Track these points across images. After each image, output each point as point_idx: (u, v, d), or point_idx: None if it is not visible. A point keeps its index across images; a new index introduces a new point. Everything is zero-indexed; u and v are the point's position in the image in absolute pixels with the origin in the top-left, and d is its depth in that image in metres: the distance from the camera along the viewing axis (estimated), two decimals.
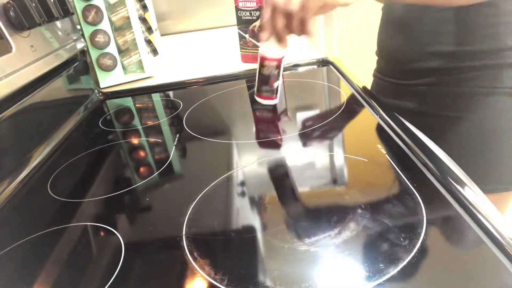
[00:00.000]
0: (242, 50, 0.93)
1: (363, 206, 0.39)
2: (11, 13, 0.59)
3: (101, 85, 0.88)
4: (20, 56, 0.60)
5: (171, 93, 0.85)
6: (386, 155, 0.48)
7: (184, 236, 0.39)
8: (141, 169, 0.56)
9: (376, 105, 0.61)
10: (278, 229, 0.38)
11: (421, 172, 0.44)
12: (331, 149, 0.53)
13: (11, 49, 0.58)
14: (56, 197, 0.51)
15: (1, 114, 0.56)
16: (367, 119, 0.60)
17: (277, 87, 0.66)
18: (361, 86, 0.69)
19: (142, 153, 0.62)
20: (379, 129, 0.55)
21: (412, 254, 0.33)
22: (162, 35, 1.37)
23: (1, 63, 0.55)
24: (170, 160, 0.56)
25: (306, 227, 0.38)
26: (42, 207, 0.50)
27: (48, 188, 0.53)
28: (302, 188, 0.45)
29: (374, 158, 0.48)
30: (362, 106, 0.63)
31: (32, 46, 0.64)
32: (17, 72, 0.59)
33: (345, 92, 0.70)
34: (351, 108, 0.64)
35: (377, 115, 0.59)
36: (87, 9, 0.80)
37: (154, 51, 0.96)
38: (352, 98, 0.67)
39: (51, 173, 0.57)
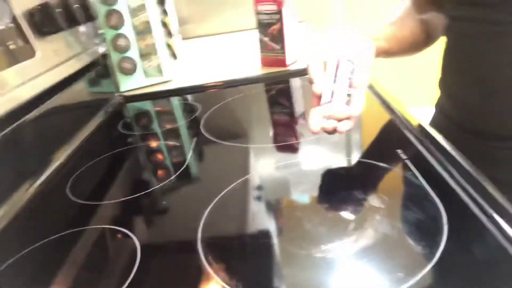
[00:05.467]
0: (261, 53, 0.93)
1: (382, 213, 0.38)
2: (36, 18, 0.61)
3: (122, 89, 0.89)
4: (43, 60, 0.61)
5: (189, 97, 0.86)
6: (406, 161, 0.46)
7: (199, 240, 0.39)
8: (159, 172, 0.56)
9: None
10: (294, 234, 0.38)
11: (443, 178, 0.42)
12: (349, 154, 0.52)
13: (35, 53, 0.60)
14: (75, 199, 0.51)
15: (25, 117, 0.57)
16: (387, 123, 0.58)
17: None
18: (380, 90, 0.68)
19: (160, 156, 0.62)
20: (399, 134, 0.54)
21: (432, 263, 0.32)
22: (183, 39, 1.39)
23: (25, 67, 0.57)
24: (187, 164, 0.56)
25: (323, 233, 0.37)
26: (61, 209, 0.51)
27: (67, 190, 0.53)
28: (319, 194, 0.45)
29: (394, 163, 0.47)
30: (382, 110, 0.62)
31: (55, 50, 0.65)
32: (41, 76, 0.60)
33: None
34: (371, 112, 0.62)
35: (398, 120, 0.57)
36: (109, 13, 0.81)
37: (174, 55, 0.97)
38: (371, 101, 0.66)
39: (71, 175, 0.58)
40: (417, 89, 1.90)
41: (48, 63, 0.63)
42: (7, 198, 0.50)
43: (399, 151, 0.49)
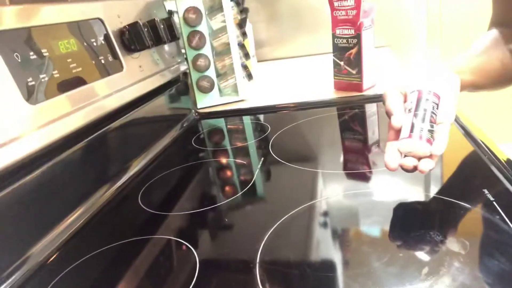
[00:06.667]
0: (335, 77, 0.91)
1: (461, 260, 0.34)
2: (126, 37, 0.66)
3: (198, 106, 0.93)
4: (129, 74, 0.66)
5: (261, 117, 0.86)
6: (494, 203, 0.41)
7: (257, 264, 0.38)
8: (225, 189, 0.57)
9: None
10: (360, 271, 0.35)
11: None
12: (427, 189, 0.48)
13: (123, 68, 0.65)
14: (144, 207, 0.53)
15: (110, 125, 0.61)
16: (473, 158, 0.53)
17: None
18: (465, 120, 0.62)
19: (228, 173, 0.63)
20: (486, 170, 0.49)
21: None
22: (259, 61, 1.42)
23: (113, 80, 0.62)
24: (253, 183, 0.56)
25: (392, 274, 0.34)
26: (130, 216, 0.53)
27: (139, 198, 0.56)
28: (390, 229, 0.41)
29: (479, 204, 0.42)
30: (466, 143, 0.57)
31: (140, 66, 0.70)
32: (126, 89, 0.65)
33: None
34: (454, 144, 0.57)
35: (485, 155, 0.52)
36: (192, 34, 0.86)
37: (249, 76, 0.99)
38: (454, 133, 0.60)
39: (144, 184, 0.60)
40: (505, 123, 1.74)
41: (134, 78, 0.68)
42: (85, 200, 0.53)
43: (485, 190, 0.44)
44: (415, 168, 0.42)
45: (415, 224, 0.41)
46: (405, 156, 0.43)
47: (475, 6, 1.52)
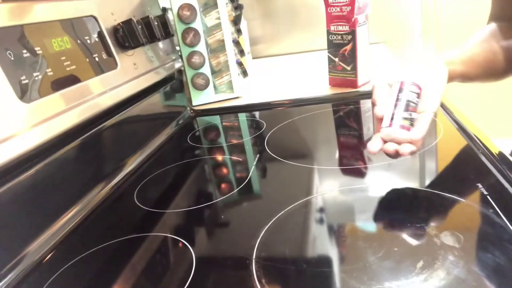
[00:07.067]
0: (330, 73, 0.91)
1: (456, 253, 0.35)
2: (120, 34, 0.66)
3: (193, 103, 0.93)
4: (124, 72, 0.66)
5: (256, 113, 0.86)
6: (488, 197, 0.42)
7: (254, 260, 0.38)
8: (221, 186, 0.57)
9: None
10: (355, 266, 0.35)
11: None
12: (422, 184, 0.48)
13: (117, 66, 0.64)
14: (140, 205, 0.53)
15: (104, 123, 0.61)
16: (467, 153, 0.53)
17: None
18: (458, 115, 0.63)
19: (224, 170, 0.63)
20: (481, 166, 0.49)
21: None
22: (254, 58, 1.42)
23: (107, 78, 0.61)
24: (249, 180, 0.56)
25: (388, 268, 0.34)
26: (126, 213, 0.53)
27: (135, 196, 0.56)
28: (386, 224, 0.42)
29: (473, 198, 0.43)
30: (459, 136, 0.57)
31: (135, 63, 0.70)
32: (121, 87, 0.64)
33: (441, 122, 0.64)
34: (448, 140, 0.58)
35: (479, 150, 0.52)
36: (186, 31, 0.85)
37: (244, 73, 0.99)
38: (450, 130, 0.61)
39: (140, 181, 0.60)
40: (498, 119, 1.75)
41: (128, 75, 0.67)
42: (80, 199, 0.53)
43: (479, 184, 0.44)
44: (397, 153, 0.44)
45: (410, 218, 0.41)
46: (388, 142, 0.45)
47: (470, 2, 1.53)
